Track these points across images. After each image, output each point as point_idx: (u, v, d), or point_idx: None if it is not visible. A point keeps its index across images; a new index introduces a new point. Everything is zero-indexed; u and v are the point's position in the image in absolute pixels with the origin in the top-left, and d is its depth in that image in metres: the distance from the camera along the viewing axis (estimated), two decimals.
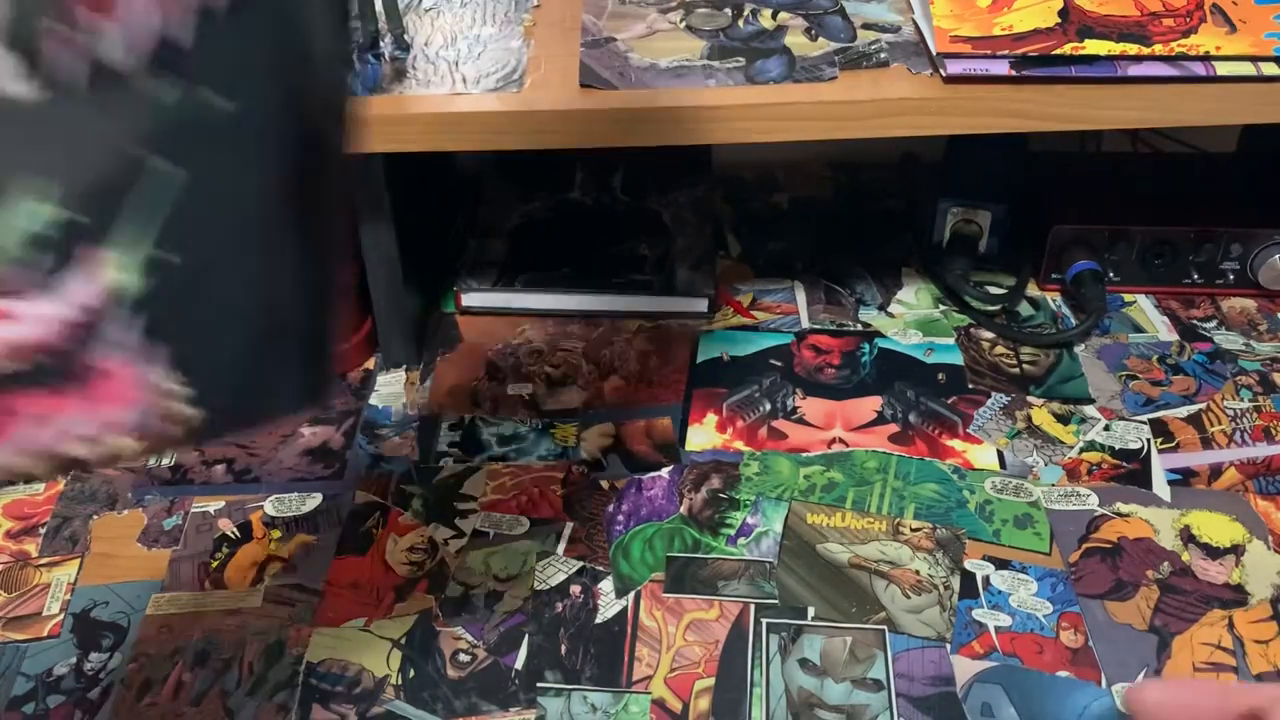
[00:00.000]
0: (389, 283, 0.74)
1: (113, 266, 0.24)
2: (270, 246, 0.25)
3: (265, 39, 0.23)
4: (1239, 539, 0.62)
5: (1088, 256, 0.79)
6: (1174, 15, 0.61)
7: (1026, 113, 0.61)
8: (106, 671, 0.58)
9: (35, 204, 0.22)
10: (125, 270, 0.24)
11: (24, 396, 0.25)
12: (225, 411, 0.27)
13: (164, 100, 0.22)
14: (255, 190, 0.25)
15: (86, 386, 0.25)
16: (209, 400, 0.26)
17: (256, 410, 0.28)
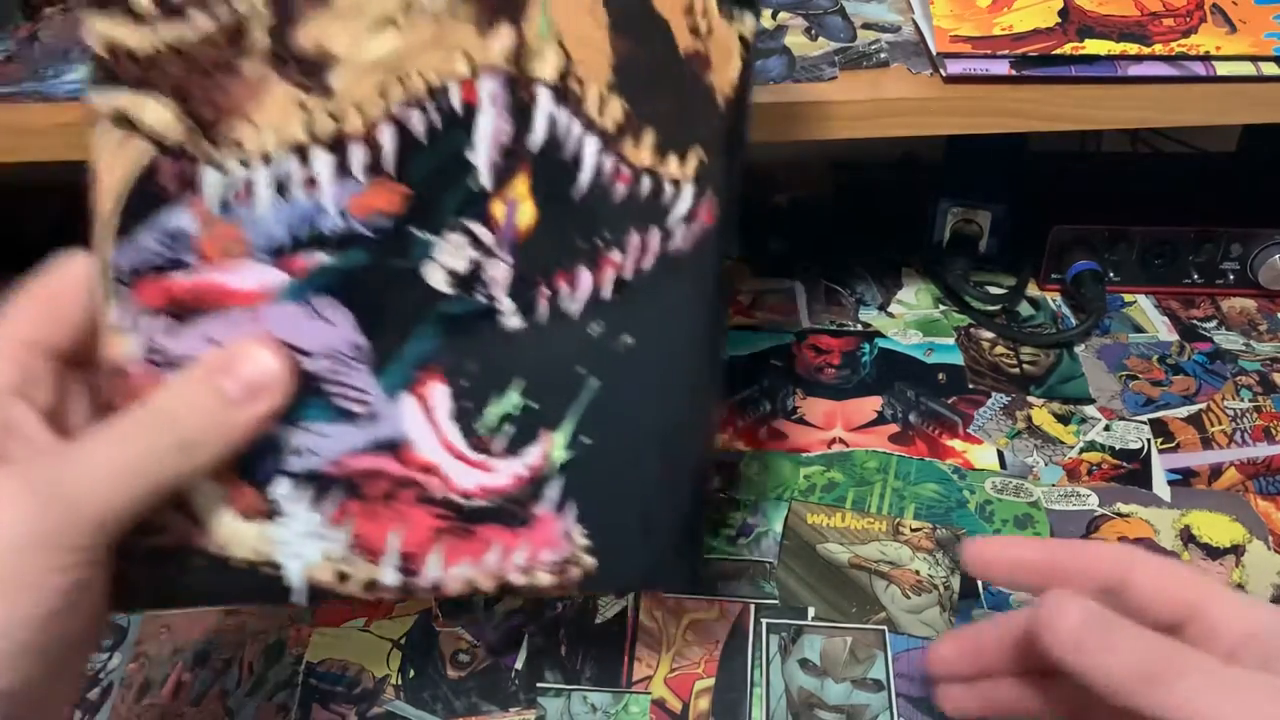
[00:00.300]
0: None
1: (553, 442, 0.33)
2: (657, 441, 0.34)
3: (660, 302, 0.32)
4: (1239, 539, 0.62)
5: (1088, 256, 0.79)
6: (1174, 15, 0.61)
7: (1026, 112, 0.61)
8: (105, 671, 0.58)
9: (514, 395, 0.33)
10: (558, 446, 0.33)
11: (491, 529, 0.34)
12: (615, 567, 0.35)
13: (591, 334, 0.33)
14: (648, 398, 0.33)
15: (528, 528, 0.34)
16: (604, 554, 0.34)
17: (639, 573, 0.36)
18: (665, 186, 0.31)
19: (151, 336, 0.31)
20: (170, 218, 0.30)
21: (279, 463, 0.32)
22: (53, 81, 0.64)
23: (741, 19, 0.31)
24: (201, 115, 0.29)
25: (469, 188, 0.31)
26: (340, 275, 0.31)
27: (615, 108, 0.31)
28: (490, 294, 0.32)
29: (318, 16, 0.29)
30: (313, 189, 0.30)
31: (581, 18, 0.30)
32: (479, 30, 0.29)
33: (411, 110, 0.30)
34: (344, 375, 0.32)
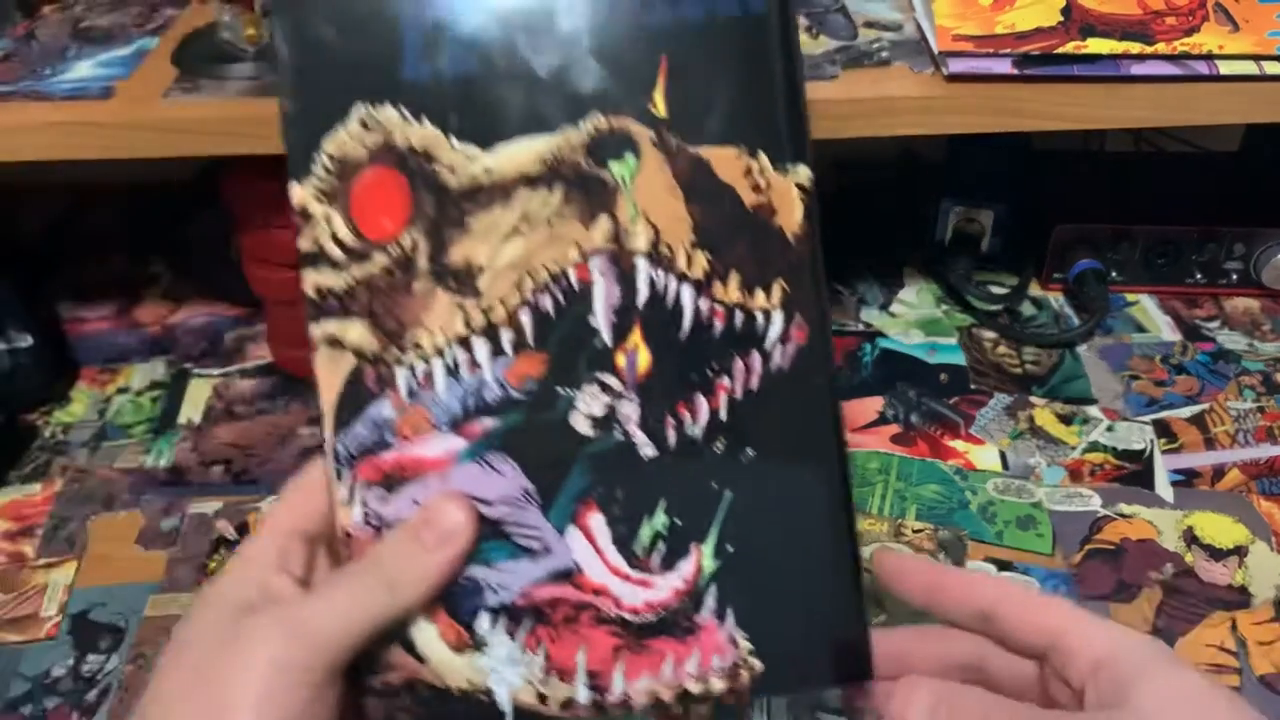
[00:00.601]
0: None
1: (702, 554, 0.37)
2: (796, 541, 0.37)
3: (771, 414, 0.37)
4: (1242, 540, 0.62)
5: (1090, 256, 0.78)
6: (1177, 14, 0.61)
7: (1029, 112, 0.61)
8: (104, 673, 0.57)
9: (660, 515, 0.37)
10: (707, 556, 0.37)
11: (663, 641, 0.37)
12: (781, 667, 0.37)
13: (716, 452, 0.37)
14: (778, 502, 0.37)
15: (695, 637, 0.37)
16: (768, 655, 0.37)
17: (806, 670, 0.38)
18: (757, 316, 0.37)
19: (368, 504, 0.38)
20: (375, 409, 0.38)
21: (479, 600, 0.38)
22: (50, 80, 0.63)
23: (795, 170, 0.37)
24: (388, 328, 0.38)
25: (595, 346, 0.37)
26: (505, 434, 0.37)
27: (701, 260, 0.37)
28: (625, 430, 0.37)
29: (462, 239, 0.37)
30: (476, 369, 0.37)
31: (662, 196, 0.37)
32: (583, 224, 0.37)
33: (542, 294, 0.37)
34: (519, 517, 0.38)
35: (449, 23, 0.37)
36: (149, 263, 0.88)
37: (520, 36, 0.37)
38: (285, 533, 0.38)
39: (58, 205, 0.94)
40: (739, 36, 0.37)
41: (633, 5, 0.37)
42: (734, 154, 0.37)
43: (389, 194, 0.37)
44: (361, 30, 0.38)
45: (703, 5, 0.37)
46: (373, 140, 0.38)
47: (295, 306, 0.74)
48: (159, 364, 0.79)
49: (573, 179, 0.37)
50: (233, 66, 0.63)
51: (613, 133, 0.37)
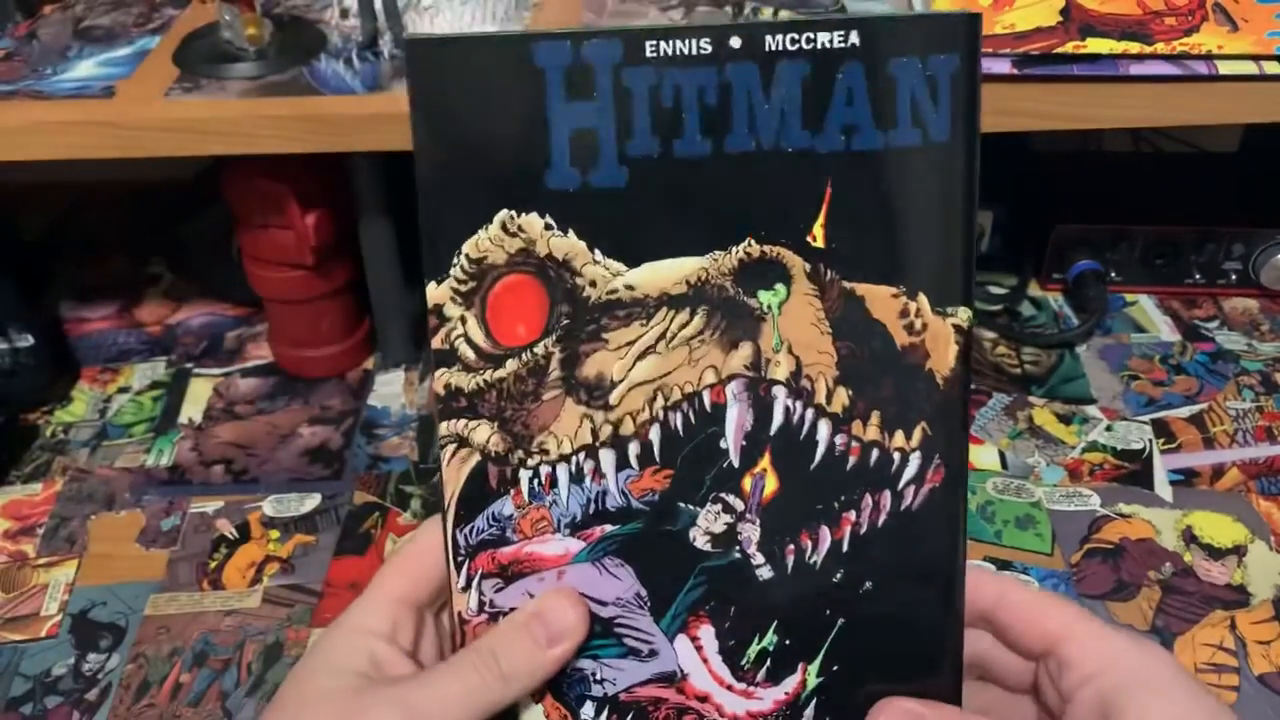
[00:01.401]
0: (389, 282, 0.74)
1: (808, 672, 0.37)
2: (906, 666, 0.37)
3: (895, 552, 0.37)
4: (1241, 540, 0.62)
5: (1089, 256, 0.78)
6: (1176, 14, 0.61)
7: (1028, 111, 0.61)
8: (104, 672, 0.57)
9: (770, 634, 0.37)
10: (812, 674, 0.37)
11: None
12: None
13: (834, 581, 0.37)
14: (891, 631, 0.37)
15: None
16: None
17: None
18: (893, 456, 0.36)
19: (484, 593, 0.39)
20: (496, 505, 0.38)
21: (586, 689, 0.38)
22: (51, 80, 0.64)
23: (955, 313, 0.35)
24: (515, 432, 0.38)
25: (722, 466, 0.37)
26: (623, 540, 0.38)
27: (842, 395, 0.36)
28: (744, 551, 0.37)
29: (597, 352, 0.37)
30: (600, 478, 0.38)
31: (809, 330, 0.36)
32: (724, 350, 0.36)
33: (673, 413, 0.37)
34: (630, 619, 0.38)
35: (603, 134, 0.35)
36: (149, 263, 0.88)
37: (679, 153, 0.35)
38: (395, 601, 0.39)
39: (58, 205, 0.94)
40: (914, 168, 0.34)
41: (803, 131, 0.34)
42: (891, 293, 0.35)
43: (526, 301, 0.37)
44: (510, 133, 0.36)
45: (880, 133, 0.34)
46: (513, 246, 0.36)
47: (295, 306, 0.74)
48: (159, 364, 0.79)
49: (717, 303, 0.36)
50: (234, 66, 0.63)
51: (765, 260, 0.35)
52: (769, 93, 0.34)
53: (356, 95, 0.61)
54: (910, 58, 0.33)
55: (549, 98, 0.35)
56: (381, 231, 0.71)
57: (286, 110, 0.60)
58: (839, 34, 0.33)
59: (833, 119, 0.34)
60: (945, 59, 0.33)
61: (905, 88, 0.34)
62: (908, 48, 0.33)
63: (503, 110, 0.35)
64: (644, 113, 0.35)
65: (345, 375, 0.77)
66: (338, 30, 0.67)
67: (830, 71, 0.33)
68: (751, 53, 0.34)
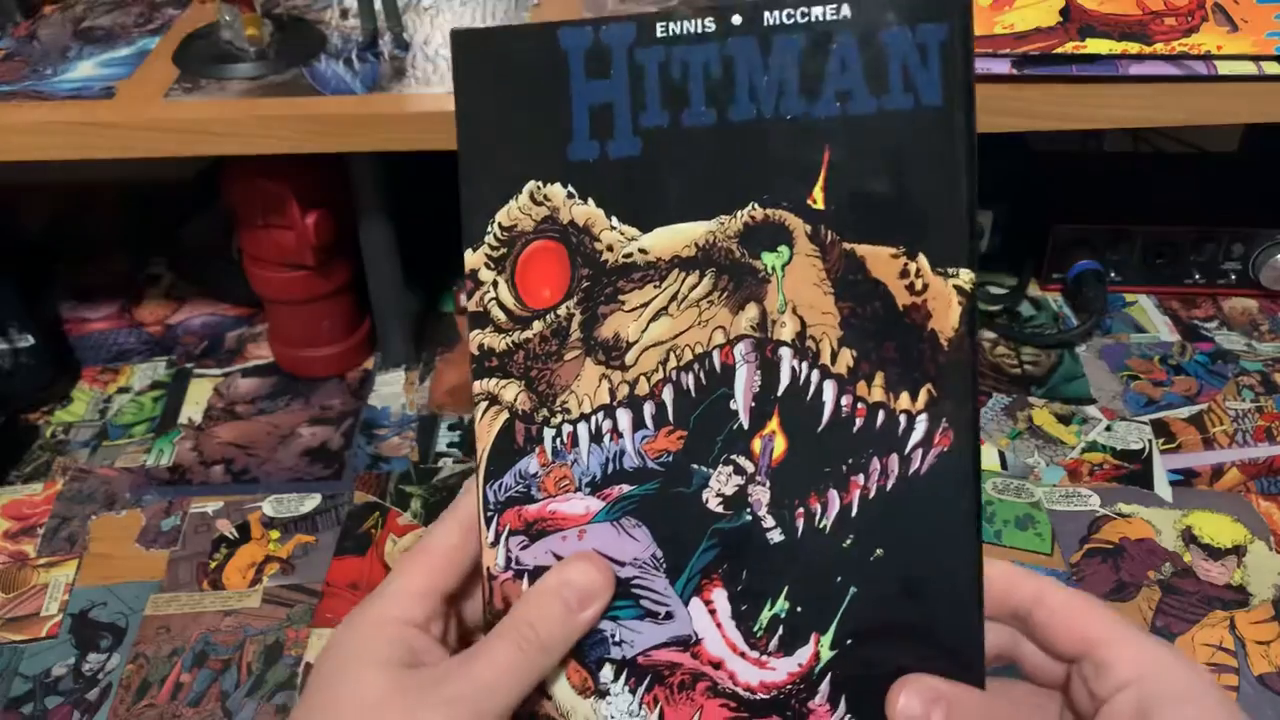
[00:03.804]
0: (389, 282, 0.74)
1: (821, 643, 0.37)
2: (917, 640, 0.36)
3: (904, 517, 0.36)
4: (1240, 540, 0.62)
5: (1089, 256, 0.78)
6: (1175, 14, 0.61)
7: (1028, 112, 0.61)
8: (105, 672, 0.57)
9: (782, 600, 0.37)
10: (825, 646, 0.36)
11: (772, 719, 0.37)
12: None
13: (844, 546, 0.36)
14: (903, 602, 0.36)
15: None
16: None
17: None
18: (899, 418, 0.35)
19: (510, 550, 0.40)
20: (523, 463, 0.40)
21: (605, 651, 0.39)
22: (51, 80, 0.64)
23: (957, 274, 0.35)
24: (540, 390, 0.40)
25: (732, 428, 0.37)
26: (640, 501, 0.38)
27: (846, 356, 0.36)
28: (755, 513, 0.37)
29: (614, 314, 0.38)
30: (617, 437, 0.39)
31: (812, 291, 0.36)
32: (731, 311, 0.37)
33: (685, 373, 0.38)
34: (647, 581, 0.38)
35: (618, 108, 0.38)
36: (149, 263, 0.88)
37: (686, 123, 0.37)
38: (424, 592, 0.39)
39: (58, 205, 0.94)
40: (908, 132, 0.35)
41: (800, 99, 0.36)
42: (890, 253, 0.35)
43: (551, 265, 0.40)
44: (539, 110, 0.39)
45: (873, 99, 0.35)
46: (539, 214, 0.40)
47: (295, 306, 0.74)
48: (159, 364, 0.79)
49: (725, 265, 0.37)
50: (233, 66, 0.63)
51: (768, 223, 0.37)
52: (768, 64, 0.36)
53: (356, 95, 0.61)
54: (900, 27, 0.35)
55: (572, 77, 0.38)
56: (381, 231, 0.71)
57: (286, 110, 0.60)
58: (831, 7, 0.35)
59: (828, 86, 0.35)
60: (935, 27, 0.34)
61: (896, 55, 0.35)
62: (897, 18, 0.35)
63: (532, 90, 0.39)
64: (655, 87, 0.37)
65: (345, 375, 0.77)
66: (338, 30, 0.67)
67: (825, 42, 0.35)
68: (751, 28, 0.36)
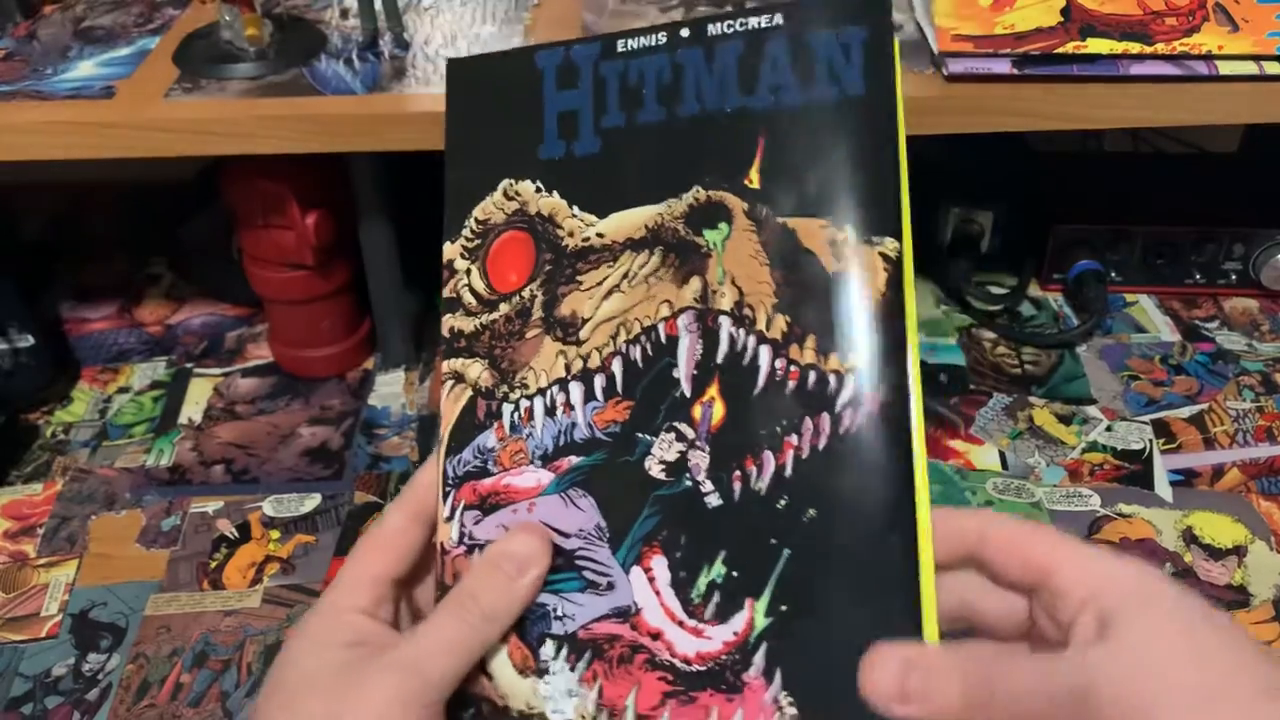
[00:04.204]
0: (389, 283, 0.74)
1: (755, 610, 0.36)
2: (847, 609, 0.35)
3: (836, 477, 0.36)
4: (1241, 540, 0.62)
5: (1089, 256, 0.78)
6: (1176, 14, 0.61)
7: (1028, 112, 0.61)
8: (105, 672, 0.57)
9: (719, 565, 0.37)
10: (760, 613, 0.36)
11: (710, 695, 0.37)
12: None
13: (779, 508, 0.36)
14: (834, 567, 0.36)
15: (741, 695, 0.36)
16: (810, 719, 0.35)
17: None
18: (829, 379, 0.37)
19: (464, 525, 0.41)
20: (481, 438, 0.42)
21: (547, 626, 0.39)
22: (51, 80, 0.64)
23: (882, 243, 0.37)
24: (501, 368, 0.42)
25: (674, 396, 0.39)
26: (587, 471, 0.40)
27: (780, 322, 0.37)
28: (695, 478, 0.38)
29: (571, 294, 0.41)
30: (570, 410, 0.40)
31: (749, 262, 0.38)
32: (676, 284, 0.39)
33: (633, 345, 0.40)
34: (591, 551, 0.39)
35: (583, 113, 0.42)
36: (149, 263, 0.88)
37: (640, 121, 0.41)
38: (373, 579, 0.40)
39: (58, 205, 0.94)
40: (835, 118, 0.38)
41: (738, 94, 0.40)
42: (820, 224, 0.38)
43: (518, 252, 0.43)
44: (516, 119, 0.43)
45: (802, 91, 0.39)
46: (511, 208, 0.43)
47: (295, 306, 0.74)
48: (159, 364, 0.79)
49: (671, 243, 0.40)
50: (233, 66, 0.63)
51: (710, 204, 0.39)
52: (711, 68, 0.40)
53: (356, 95, 0.61)
54: (825, 30, 0.39)
55: (545, 90, 0.43)
56: (381, 231, 0.71)
57: (286, 110, 0.60)
58: (766, 17, 0.40)
59: (763, 82, 0.39)
60: (857, 29, 0.39)
61: (823, 54, 0.39)
62: (822, 23, 0.39)
63: (511, 103, 0.44)
64: (614, 93, 0.42)
65: (345, 375, 0.77)
66: (338, 30, 0.67)
67: (760, 45, 0.40)
68: (698, 40, 0.41)
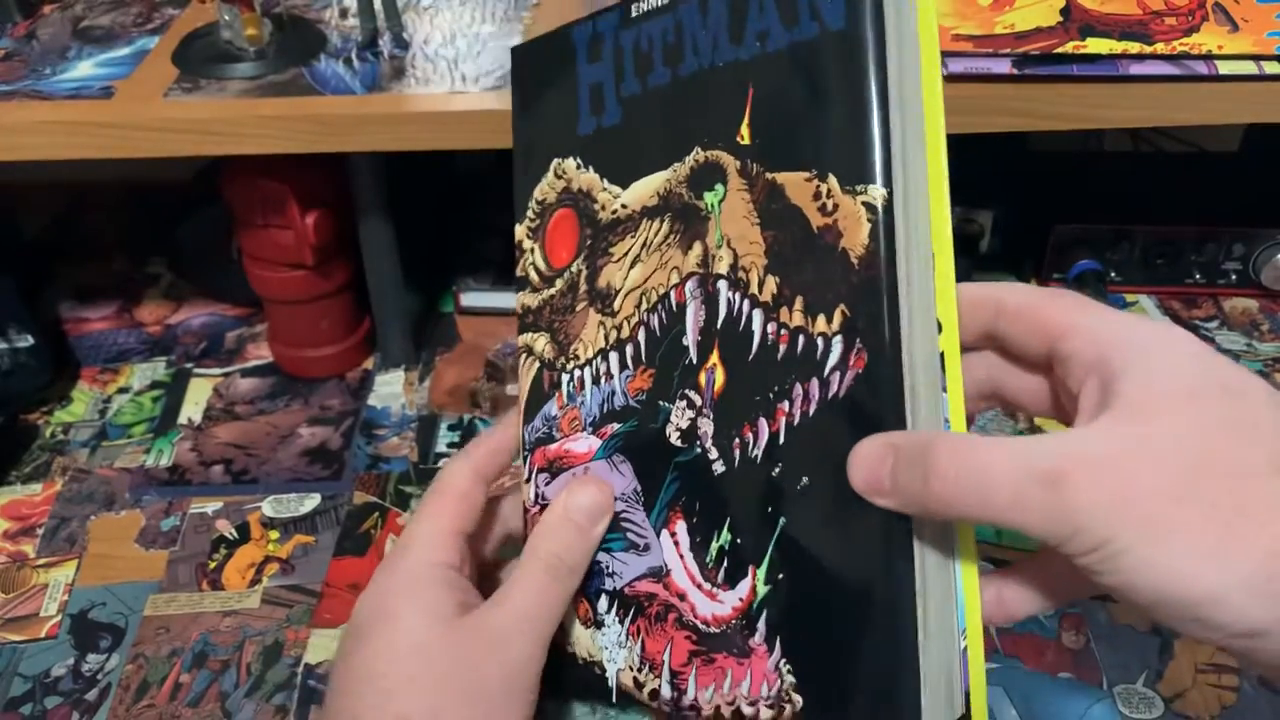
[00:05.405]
0: (388, 282, 0.74)
1: (757, 577, 0.37)
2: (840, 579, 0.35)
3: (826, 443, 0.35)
4: None
5: (1089, 256, 0.78)
6: (1176, 14, 0.61)
7: (1028, 111, 0.61)
8: (104, 673, 0.57)
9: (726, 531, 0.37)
10: (760, 580, 0.37)
11: (724, 657, 0.37)
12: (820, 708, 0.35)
13: (774, 475, 0.36)
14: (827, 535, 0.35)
15: (748, 659, 0.37)
16: (808, 693, 0.36)
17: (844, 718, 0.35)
18: (817, 342, 0.35)
19: (538, 486, 0.44)
20: (547, 407, 0.44)
21: (601, 582, 0.41)
22: (51, 80, 0.63)
23: (865, 190, 0.35)
24: (560, 341, 0.44)
25: (685, 363, 0.39)
26: (625, 437, 0.41)
27: (771, 284, 0.37)
28: (703, 445, 0.38)
29: (606, 265, 0.42)
30: (610, 379, 0.42)
31: (741, 223, 0.37)
32: (683, 250, 0.39)
33: (653, 314, 0.40)
34: (631, 514, 0.41)
35: (607, 84, 0.43)
36: (149, 263, 0.88)
37: (650, 85, 0.41)
38: (455, 534, 0.42)
39: (58, 205, 0.94)
40: (815, 57, 0.36)
41: (730, 46, 0.38)
42: (804, 177, 0.36)
43: (567, 230, 0.44)
44: (559, 98, 0.44)
45: (787, 33, 0.37)
46: (560, 186, 0.44)
47: (295, 306, 0.74)
48: (159, 364, 0.79)
49: (678, 209, 0.40)
50: (233, 66, 0.63)
51: (708, 164, 0.39)
52: (705, 20, 0.39)
53: (356, 95, 0.61)
54: None
55: (578, 65, 0.44)
56: (381, 231, 0.71)
57: (286, 110, 0.60)
58: None
59: (750, 29, 0.38)
60: None
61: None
62: None
63: (555, 83, 0.45)
64: (630, 60, 0.42)
65: (345, 375, 0.77)
66: (338, 30, 0.67)
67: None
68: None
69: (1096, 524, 0.28)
